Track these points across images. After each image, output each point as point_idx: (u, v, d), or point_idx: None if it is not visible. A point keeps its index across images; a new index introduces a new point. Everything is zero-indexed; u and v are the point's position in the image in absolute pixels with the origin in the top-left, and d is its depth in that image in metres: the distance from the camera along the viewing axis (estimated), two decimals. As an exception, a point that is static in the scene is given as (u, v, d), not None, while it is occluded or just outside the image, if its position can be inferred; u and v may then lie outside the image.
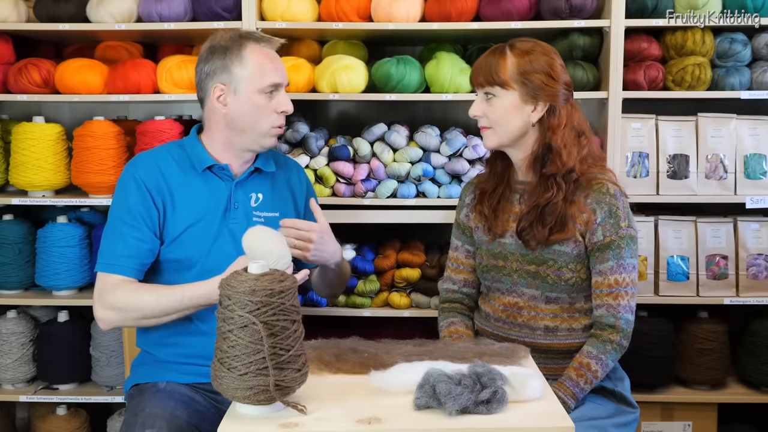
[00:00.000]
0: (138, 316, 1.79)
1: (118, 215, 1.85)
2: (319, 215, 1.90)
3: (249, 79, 1.85)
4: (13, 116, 2.92)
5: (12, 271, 2.68)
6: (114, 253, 1.82)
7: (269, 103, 1.87)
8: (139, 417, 1.67)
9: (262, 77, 1.85)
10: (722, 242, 2.58)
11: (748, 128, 2.57)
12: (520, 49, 1.81)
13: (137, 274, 1.83)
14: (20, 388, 2.69)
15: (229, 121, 1.88)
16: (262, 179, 1.98)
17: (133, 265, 1.82)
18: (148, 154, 1.94)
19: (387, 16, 2.49)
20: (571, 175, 1.80)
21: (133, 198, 1.84)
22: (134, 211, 1.83)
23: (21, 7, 2.63)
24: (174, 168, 1.90)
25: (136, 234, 1.82)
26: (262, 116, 1.87)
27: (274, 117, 1.88)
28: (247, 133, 1.88)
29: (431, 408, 1.31)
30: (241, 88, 1.85)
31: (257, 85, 1.85)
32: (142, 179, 1.85)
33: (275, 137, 1.91)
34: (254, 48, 1.86)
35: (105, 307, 1.80)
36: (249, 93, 1.85)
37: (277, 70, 1.88)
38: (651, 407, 2.57)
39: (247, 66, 1.84)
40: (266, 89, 1.85)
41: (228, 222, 1.89)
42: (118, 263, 1.81)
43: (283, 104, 1.88)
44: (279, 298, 1.27)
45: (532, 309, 1.86)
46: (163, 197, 1.86)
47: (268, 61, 1.87)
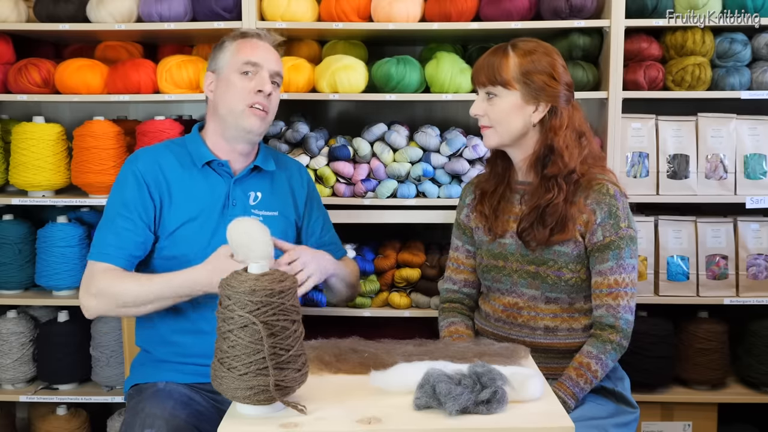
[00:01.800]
0: (119, 303, 1.78)
1: (114, 207, 1.86)
2: (286, 245, 1.85)
3: (228, 61, 1.90)
4: (13, 116, 2.92)
5: (12, 271, 2.67)
6: (104, 242, 1.83)
7: (247, 84, 1.88)
8: (139, 417, 1.67)
9: (238, 56, 1.89)
10: (722, 242, 2.58)
11: (748, 128, 2.56)
12: (523, 49, 1.81)
13: (126, 264, 1.82)
14: (20, 388, 2.69)
15: (215, 107, 1.91)
16: (261, 178, 1.98)
17: (121, 255, 1.82)
18: (148, 149, 1.95)
19: (387, 16, 2.49)
20: (572, 176, 1.80)
21: (129, 191, 1.85)
22: (129, 204, 1.84)
23: (21, 7, 2.63)
24: (173, 163, 1.90)
25: (129, 226, 1.83)
26: (238, 95, 1.87)
27: (251, 96, 1.87)
28: (228, 118, 1.89)
29: (431, 408, 1.31)
30: (223, 72, 1.90)
31: (234, 65, 1.88)
32: (140, 172, 1.86)
33: (255, 117, 1.88)
34: (245, 38, 1.92)
35: (89, 295, 1.80)
36: (227, 74, 1.89)
37: (255, 52, 1.90)
38: (651, 407, 2.57)
39: (227, 50, 1.91)
40: (242, 68, 1.87)
41: (226, 219, 1.88)
42: (106, 252, 1.82)
43: (260, 84, 1.88)
44: (279, 298, 1.27)
45: (532, 309, 1.86)
46: (160, 191, 1.86)
47: (249, 45, 1.91)
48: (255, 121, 1.88)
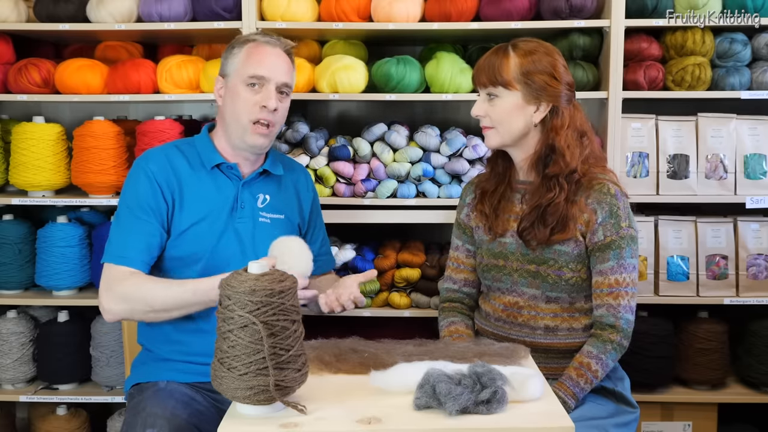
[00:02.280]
0: (146, 308, 1.77)
1: (129, 207, 1.84)
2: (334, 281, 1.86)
3: (237, 69, 1.87)
4: (13, 116, 2.92)
5: (12, 271, 2.68)
6: (125, 245, 1.81)
7: (253, 97, 1.85)
8: (140, 416, 1.67)
9: (247, 68, 1.86)
10: (722, 242, 2.58)
11: (748, 128, 2.56)
12: (524, 49, 1.81)
13: (145, 267, 1.82)
14: (20, 388, 2.69)
15: (222, 114, 1.90)
16: (269, 181, 1.98)
17: (142, 258, 1.81)
18: (159, 150, 1.94)
19: (387, 16, 2.49)
20: (573, 175, 1.80)
21: (143, 191, 1.84)
22: (144, 204, 1.83)
23: (21, 7, 2.63)
24: (184, 164, 1.90)
25: (147, 228, 1.82)
26: (243, 108, 1.85)
27: (256, 111, 1.85)
28: (233, 127, 1.88)
29: (431, 408, 1.31)
30: (231, 79, 1.88)
31: (241, 75, 1.86)
32: (153, 173, 1.86)
33: (260, 136, 1.87)
34: (254, 44, 1.88)
35: (114, 298, 1.78)
36: (235, 83, 1.86)
37: (264, 63, 1.86)
38: (651, 407, 2.57)
39: (237, 57, 1.87)
40: (249, 81, 1.85)
41: (234, 221, 1.89)
42: (128, 255, 1.80)
43: (265, 99, 1.85)
44: (279, 298, 1.27)
45: (533, 309, 1.86)
46: (172, 191, 1.86)
47: (259, 54, 1.86)
48: (258, 139, 1.88)
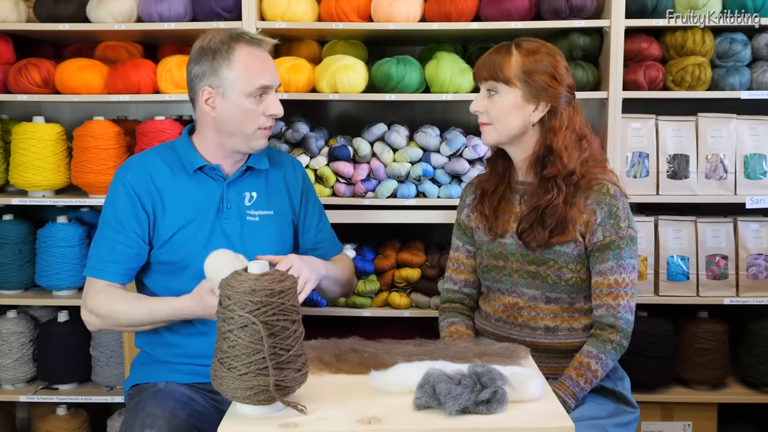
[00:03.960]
0: (114, 323, 1.83)
1: (107, 221, 1.86)
2: (274, 258, 1.81)
3: (237, 83, 1.80)
4: (13, 116, 2.92)
5: (12, 271, 2.68)
6: (99, 258, 1.84)
7: (257, 107, 1.83)
8: (139, 417, 1.67)
9: (250, 80, 1.81)
10: (722, 242, 2.58)
11: (748, 128, 2.56)
12: (526, 48, 1.81)
13: (123, 278, 1.85)
14: (20, 388, 2.69)
15: (218, 124, 1.85)
16: (255, 177, 1.96)
17: (118, 271, 1.84)
18: (138, 158, 1.93)
19: (387, 16, 2.49)
20: (571, 177, 1.80)
21: (121, 204, 1.85)
22: (122, 218, 1.84)
23: (21, 7, 2.63)
24: (164, 170, 1.88)
25: (123, 239, 1.83)
26: (250, 120, 1.83)
27: (262, 119, 1.85)
28: (235, 136, 1.85)
29: (431, 408, 1.31)
30: (229, 92, 1.81)
31: (245, 88, 1.81)
32: (131, 184, 1.85)
33: (265, 138, 1.88)
34: (243, 50, 1.81)
35: (87, 312, 1.85)
36: (237, 97, 1.81)
37: (265, 72, 1.83)
38: (651, 407, 2.57)
39: (235, 69, 1.80)
40: (254, 92, 1.82)
41: (221, 222, 1.88)
42: (103, 268, 1.84)
43: (271, 108, 1.85)
44: (279, 298, 1.27)
45: (533, 309, 1.86)
46: (153, 201, 1.86)
47: (257, 63, 1.82)
48: (263, 140, 1.88)
